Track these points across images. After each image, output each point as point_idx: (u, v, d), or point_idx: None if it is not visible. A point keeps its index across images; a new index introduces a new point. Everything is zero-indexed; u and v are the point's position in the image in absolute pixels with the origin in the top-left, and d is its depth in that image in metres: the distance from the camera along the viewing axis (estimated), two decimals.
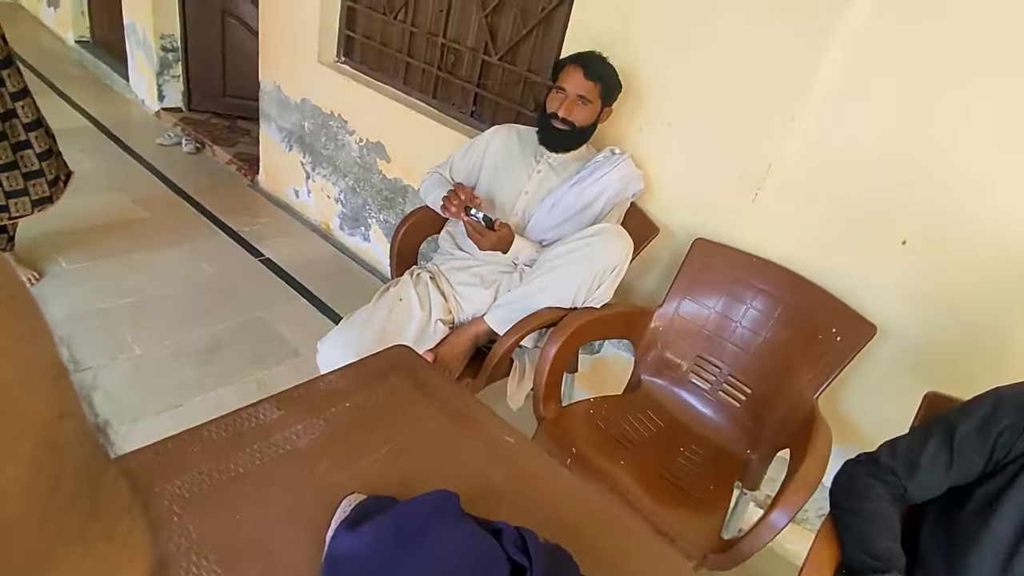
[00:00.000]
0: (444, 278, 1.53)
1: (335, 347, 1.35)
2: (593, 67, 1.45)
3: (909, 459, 0.95)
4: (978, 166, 1.22)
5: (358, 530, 0.73)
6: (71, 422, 0.19)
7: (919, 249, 1.31)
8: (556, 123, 1.48)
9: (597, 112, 1.50)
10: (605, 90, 1.48)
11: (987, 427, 0.90)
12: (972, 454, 0.91)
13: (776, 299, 1.45)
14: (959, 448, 0.91)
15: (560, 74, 1.48)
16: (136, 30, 3.56)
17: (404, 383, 1.03)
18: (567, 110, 1.46)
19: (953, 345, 1.32)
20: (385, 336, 1.35)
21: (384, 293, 1.47)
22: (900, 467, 0.95)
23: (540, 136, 1.55)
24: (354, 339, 1.35)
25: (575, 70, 1.45)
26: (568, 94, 1.46)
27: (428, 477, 0.87)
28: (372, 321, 1.38)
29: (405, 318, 1.42)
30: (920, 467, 0.94)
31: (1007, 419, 0.89)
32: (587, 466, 1.26)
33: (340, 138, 2.54)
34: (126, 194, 2.68)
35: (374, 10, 2.35)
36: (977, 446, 0.90)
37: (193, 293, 2.14)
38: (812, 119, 1.37)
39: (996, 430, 0.89)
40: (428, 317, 1.43)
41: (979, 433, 0.90)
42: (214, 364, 1.83)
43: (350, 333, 1.37)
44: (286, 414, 0.92)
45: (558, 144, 1.53)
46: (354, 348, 1.31)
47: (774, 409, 1.41)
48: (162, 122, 3.56)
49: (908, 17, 1.22)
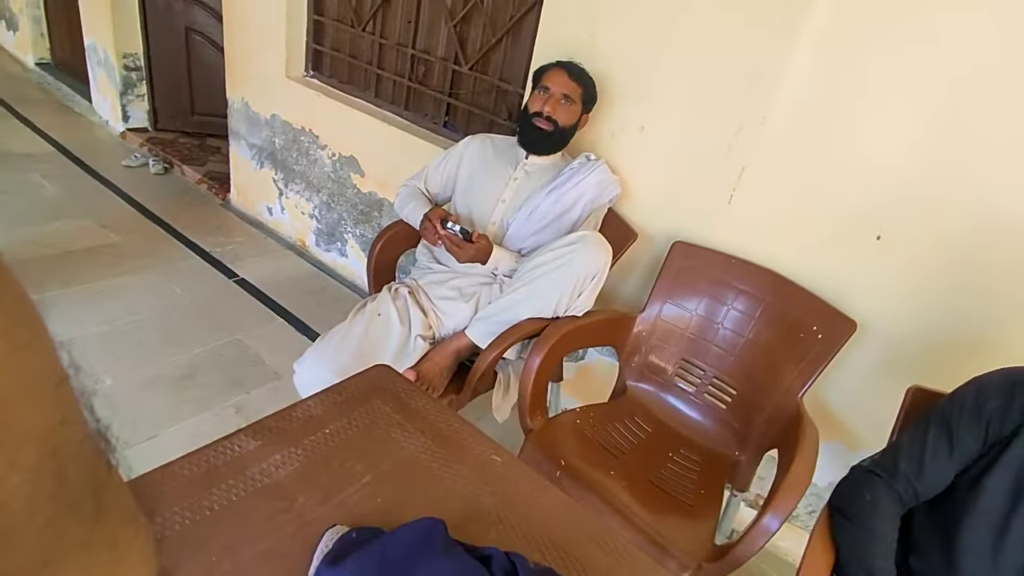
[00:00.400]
0: (423, 293, 1.50)
1: (312, 367, 1.32)
2: (575, 71, 1.48)
3: (915, 457, 0.96)
4: (944, 162, 1.23)
5: (341, 565, 0.71)
6: (73, 428, 0.19)
7: (893, 245, 1.32)
8: (539, 122, 1.47)
9: (578, 115, 1.50)
10: (586, 94, 1.50)
11: (977, 411, 0.93)
12: (969, 439, 0.93)
13: (756, 299, 1.45)
14: (957, 435, 0.94)
15: (543, 76, 1.49)
16: (97, 50, 3.48)
17: (385, 406, 1.01)
18: (552, 108, 1.46)
19: (932, 338, 1.33)
20: (363, 353, 1.32)
21: (361, 309, 1.44)
22: (911, 468, 0.96)
23: (521, 138, 1.54)
24: (330, 358, 1.31)
25: (559, 71, 1.47)
26: (553, 93, 1.46)
27: (413, 504, 0.84)
28: (349, 338, 1.35)
29: (384, 334, 1.39)
30: (925, 462, 0.95)
31: (992, 402, 0.92)
32: (577, 477, 1.24)
33: (312, 153, 2.50)
34: (93, 219, 2.61)
35: (341, 23, 2.32)
36: (973, 431, 0.93)
37: (166, 318, 2.08)
38: (782, 121, 1.38)
39: (987, 412, 0.92)
40: (408, 333, 1.40)
41: (971, 417, 0.93)
42: (190, 391, 1.78)
43: (326, 352, 1.33)
44: (262, 445, 0.88)
45: (540, 144, 1.53)
46: (331, 367, 1.27)
47: (760, 409, 1.41)
48: (128, 143, 3.48)
49: (869, 17, 1.23)
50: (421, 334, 1.40)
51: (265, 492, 0.81)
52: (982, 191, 1.21)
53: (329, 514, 0.80)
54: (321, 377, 1.25)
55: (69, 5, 3.67)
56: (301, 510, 0.80)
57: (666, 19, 1.47)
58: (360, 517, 0.80)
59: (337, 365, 1.28)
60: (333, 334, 1.38)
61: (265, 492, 0.81)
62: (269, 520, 0.78)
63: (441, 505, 0.85)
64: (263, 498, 0.81)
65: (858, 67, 1.27)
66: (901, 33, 1.21)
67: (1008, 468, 0.88)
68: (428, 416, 1.01)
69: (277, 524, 0.78)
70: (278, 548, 0.75)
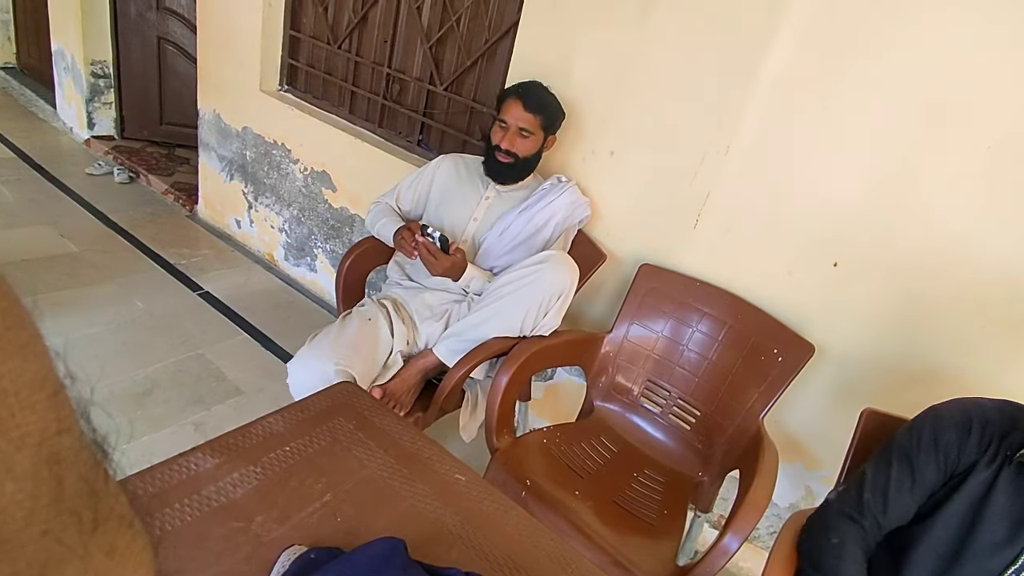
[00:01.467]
0: (404, 308, 1.50)
1: (308, 361, 1.30)
2: (532, 99, 1.47)
3: (880, 491, 0.96)
4: (897, 195, 1.29)
5: None
6: (69, 437, 0.19)
7: (850, 272, 1.38)
8: (500, 155, 1.49)
9: (540, 143, 1.52)
10: (547, 120, 1.50)
11: (935, 443, 0.94)
12: (929, 471, 0.94)
13: (720, 322, 1.48)
14: (917, 468, 0.94)
15: (502, 106, 1.49)
16: (65, 56, 3.41)
17: (348, 423, 1.00)
18: (509, 143, 1.47)
19: (885, 363, 1.38)
20: (359, 347, 1.33)
21: (348, 315, 1.44)
22: (876, 502, 0.96)
23: (486, 168, 1.56)
24: (327, 350, 1.30)
25: (515, 103, 1.46)
26: (509, 127, 1.47)
27: (374, 524, 0.83)
28: (344, 334, 1.36)
29: (375, 338, 1.39)
30: (890, 496, 0.95)
31: (948, 434, 0.93)
32: (542, 498, 1.24)
33: (284, 167, 2.48)
34: (53, 227, 2.53)
35: (318, 40, 2.33)
36: (932, 463, 0.93)
37: (125, 332, 2.01)
38: (744, 151, 1.43)
39: (943, 445, 0.93)
40: (393, 345, 1.40)
41: (928, 449, 0.94)
42: (147, 408, 1.72)
43: (323, 345, 1.33)
44: (220, 463, 0.87)
45: (504, 176, 1.54)
46: (330, 357, 1.28)
47: (723, 430, 1.44)
48: (92, 151, 3.39)
49: (826, 59, 1.30)
50: (401, 349, 1.40)
51: (221, 512, 0.79)
52: (932, 226, 1.27)
53: (287, 534, 0.78)
54: (319, 371, 1.24)
55: (38, 9, 3.60)
56: (258, 530, 0.78)
57: (637, 51, 1.51)
58: (319, 537, 0.79)
59: (336, 355, 1.28)
60: (326, 332, 1.38)
61: (221, 512, 0.79)
62: (224, 541, 0.76)
63: (403, 525, 0.84)
64: (218, 518, 0.79)
65: (815, 105, 1.33)
66: (857, 73, 1.27)
67: (962, 503, 0.89)
68: (391, 434, 1.00)
69: (233, 545, 0.76)
70: (233, 571, 0.73)
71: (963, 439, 0.92)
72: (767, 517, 1.58)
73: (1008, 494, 0.87)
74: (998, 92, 1.16)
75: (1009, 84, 1.14)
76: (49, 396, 0.19)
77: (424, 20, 2.03)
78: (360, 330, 1.39)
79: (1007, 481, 0.88)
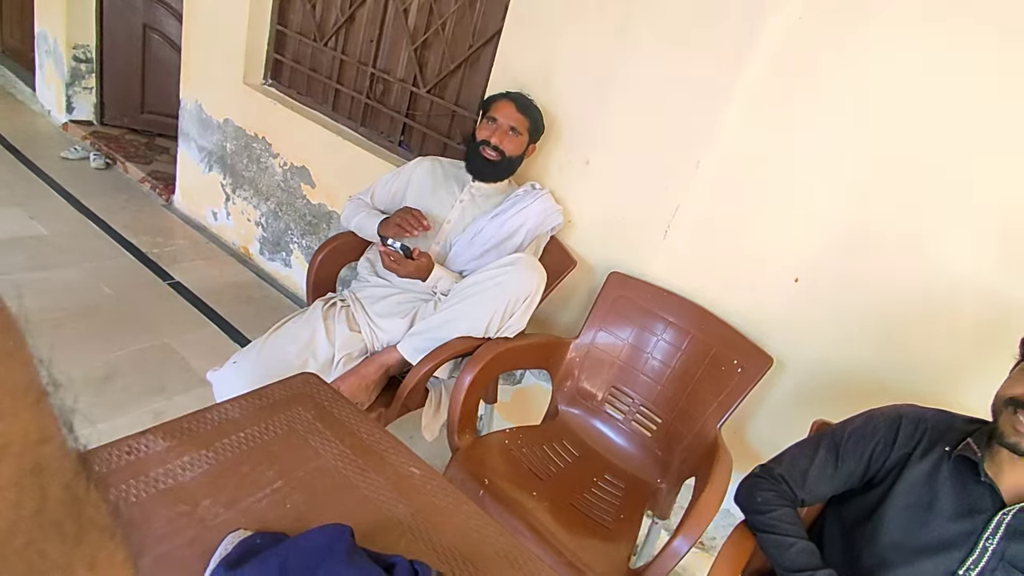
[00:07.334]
0: (360, 306, 1.50)
1: (228, 378, 1.28)
2: (523, 103, 1.53)
3: (799, 469, 1.05)
4: (857, 215, 1.34)
5: (239, 569, 0.69)
6: (52, 446, 0.18)
7: (809, 288, 1.42)
8: (486, 151, 1.51)
9: (524, 145, 1.55)
10: (533, 126, 1.55)
11: (863, 439, 1.02)
12: (851, 463, 1.02)
13: (683, 332, 1.51)
14: (842, 456, 1.03)
15: (492, 106, 1.53)
16: (47, 38, 3.36)
17: (306, 413, 1.00)
18: (499, 138, 1.50)
19: (838, 377, 1.42)
20: (287, 359, 1.30)
21: (284, 323, 1.43)
22: (791, 477, 1.05)
23: (468, 165, 1.57)
24: (248, 370, 1.28)
25: (507, 103, 1.51)
26: (500, 124, 1.50)
27: (324, 512, 0.83)
28: (273, 349, 1.33)
29: (308, 351, 1.37)
30: (809, 475, 1.04)
31: (878, 433, 1.01)
32: (499, 497, 1.24)
33: (263, 161, 2.47)
34: (22, 209, 2.48)
35: (304, 36, 2.34)
36: (856, 456, 1.02)
37: (89, 318, 1.98)
38: (714, 167, 1.47)
39: (872, 443, 1.01)
40: (333, 352, 1.39)
41: (857, 444, 1.02)
42: (106, 395, 1.69)
43: (244, 364, 1.31)
44: (171, 446, 0.86)
45: (487, 173, 1.56)
46: (248, 380, 1.24)
47: (682, 438, 1.46)
48: (69, 135, 3.34)
49: (796, 81, 1.34)
50: (348, 353, 1.39)
51: (167, 495, 0.79)
52: (889, 250, 1.31)
53: (234, 519, 0.78)
54: (236, 391, 1.22)
55: None
56: (204, 514, 0.78)
57: (614, 63, 1.55)
58: (267, 522, 0.79)
59: (254, 379, 1.25)
60: (252, 347, 1.36)
61: (167, 495, 0.79)
62: (168, 524, 0.75)
63: (353, 513, 0.84)
64: (164, 501, 0.78)
65: (782, 127, 1.37)
66: (827, 96, 1.32)
67: (906, 494, 0.96)
68: (349, 426, 1.00)
69: (176, 529, 0.75)
70: (173, 554, 0.73)
71: (891, 434, 1.00)
72: (721, 526, 1.60)
73: (953, 490, 0.93)
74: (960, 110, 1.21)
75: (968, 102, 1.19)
76: (32, 404, 0.18)
77: (411, 22, 2.05)
78: (286, 347, 1.36)
79: (947, 476, 0.94)
